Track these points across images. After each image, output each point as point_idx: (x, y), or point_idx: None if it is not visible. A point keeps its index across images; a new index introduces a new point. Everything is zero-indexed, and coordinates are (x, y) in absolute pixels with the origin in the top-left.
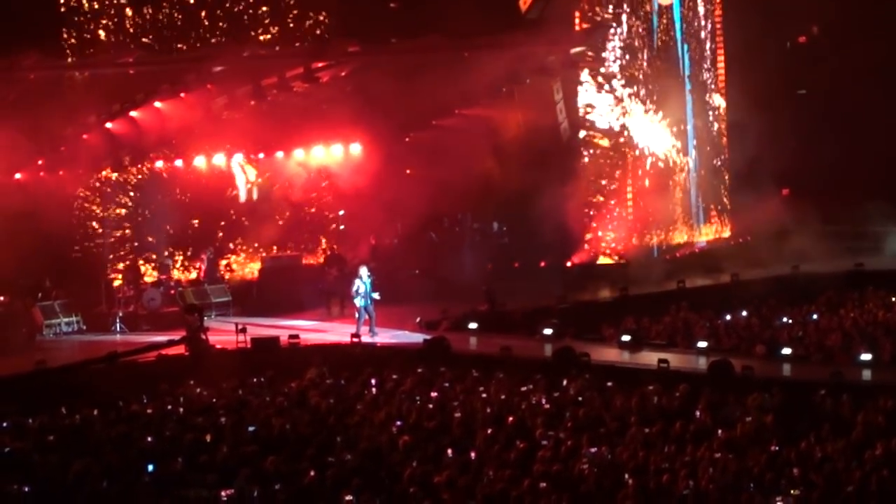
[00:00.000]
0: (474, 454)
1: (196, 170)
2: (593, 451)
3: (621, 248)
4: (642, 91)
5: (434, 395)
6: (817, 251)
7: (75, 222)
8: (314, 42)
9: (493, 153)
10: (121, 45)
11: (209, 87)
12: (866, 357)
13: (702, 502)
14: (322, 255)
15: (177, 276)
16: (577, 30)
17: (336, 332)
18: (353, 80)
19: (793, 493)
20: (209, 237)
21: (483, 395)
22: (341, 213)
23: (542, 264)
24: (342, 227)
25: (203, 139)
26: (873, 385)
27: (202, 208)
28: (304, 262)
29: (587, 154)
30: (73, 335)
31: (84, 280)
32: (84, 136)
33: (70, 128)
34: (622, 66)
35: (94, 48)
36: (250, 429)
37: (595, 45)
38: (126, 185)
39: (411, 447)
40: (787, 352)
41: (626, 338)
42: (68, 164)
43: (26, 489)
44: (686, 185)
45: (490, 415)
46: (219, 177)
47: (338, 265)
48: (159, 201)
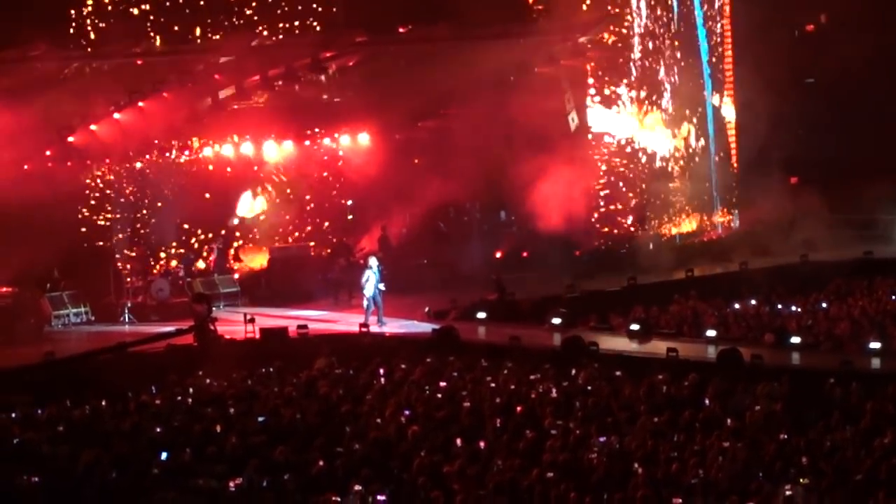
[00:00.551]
0: (483, 444)
1: (203, 160)
2: (602, 440)
3: (629, 236)
4: (661, 72)
5: (443, 384)
6: (826, 239)
7: (84, 213)
8: (322, 32)
9: (500, 142)
10: (129, 36)
11: (217, 77)
12: (875, 345)
13: (711, 491)
14: (329, 246)
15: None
16: (585, 18)
17: (344, 322)
18: (361, 71)
19: (802, 481)
20: (218, 228)
21: (492, 385)
22: (349, 202)
23: (551, 254)
24: (350, 216)
25: (211, 130)
26: (882, 373)
27: (211, 199)
28: (313, 252)
29: (595, 142)
30: (81, 326)
31: (92, 271)
32: (92, 127)
33: (78, 118)
34: (642, 51)
35: (103, 38)
36: (259, 419)
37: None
38: (134, 175)
39: (420, 437)
40: (796, 340)
41: (634, 327)
42: (76, 155)
43: (36, 480)
44: (700, 171)
45: (499, 404)
46: (226, 167)
47: (345, 255)
48: (167, 192)
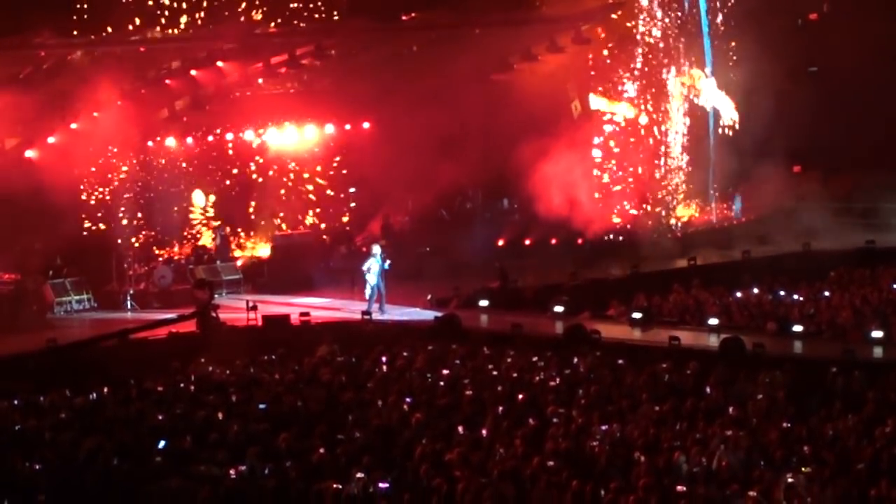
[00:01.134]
0: (485, 431)
1: (207, 146)
2: (604, 428)
3: (632, 224)
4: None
5: (445, 372)
6: (829, 228)
7: (87, 200)
8: (325, 19)
9: (504, 130)
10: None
11: (219, 64)
12: (878, 334)
13: (713, 479)
14: (332, 233)
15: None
16: (588, 6)
17: (347, 310)
18: (364, 58)
19: (804, 470)
20: (221, 214)
21: (494, 373)
22: (352, 190)
23: (553, 241)
24: (353, 204)
25: (214, 117)
26: (884, 362)
27: (213, 185)
28: (316, 239)
29: (598, 130)
30: (83, 313)
31: (95, 258)
32: (95, 114)
33: (81, 105)
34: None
35: (106, 25)
36: (261, 406)
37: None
38: (139, 161)
39: (422, 425)
40: (798, 329)
41: (637, 315)
42: (80, 141)
43: (38, 467)
44: (701, 159)
45: (501, 392)
46: (229, 153)
47: (346, 243)
48: (170, 178)
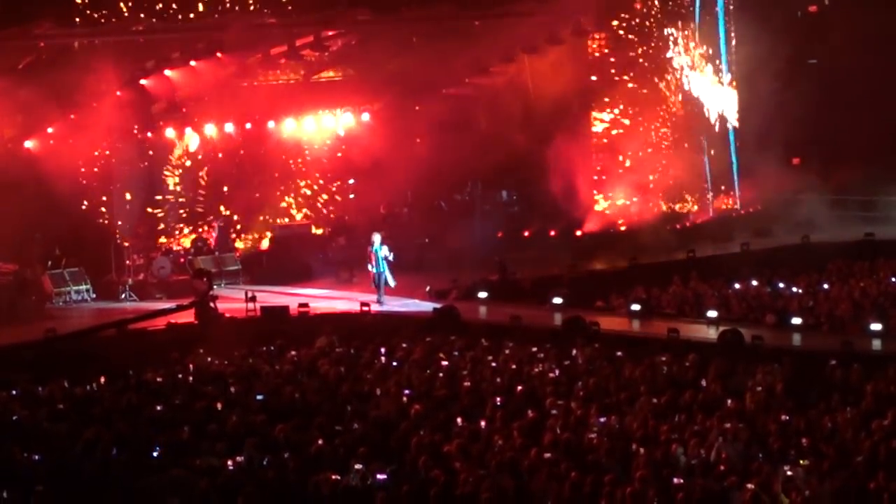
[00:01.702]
0: (484, 423)
1: (206, 138)
2: (603, 420)
3: (630, 216)
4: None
5: (444, 364)
6: (827, 220)
7: (86, 190)
8: (324, 10)
9: (503, 122)
10: (132, 13)
11: (219, 55)
12: (876, 327)
13: (711, 471)
14: (330, 224)
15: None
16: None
17: (346, 301)
18: (363, 49)
19: (802, 462)
20: (220, 206)
21: (492, 365)
22: (351, 181)
23: (552, 233)
24: (352, 195)
25: (213, 108)
26: (883, 355)
27: (212, 177)
28: (314, 231)
29: (597, 122)
30: (82, 303)
31: (94, 248)
32: (94, 104)
33: (81, 95)
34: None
35: (106, 15)
36: (259, 397)
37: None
38: (136, 152)
39: (421, 416)
40: (797, 321)
41: (635, 307)
42: (79, 132)
43: (36, 457)
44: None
45: (500, 384)
46: (229, 144)
47: (345, 234)
48: (169, 169)
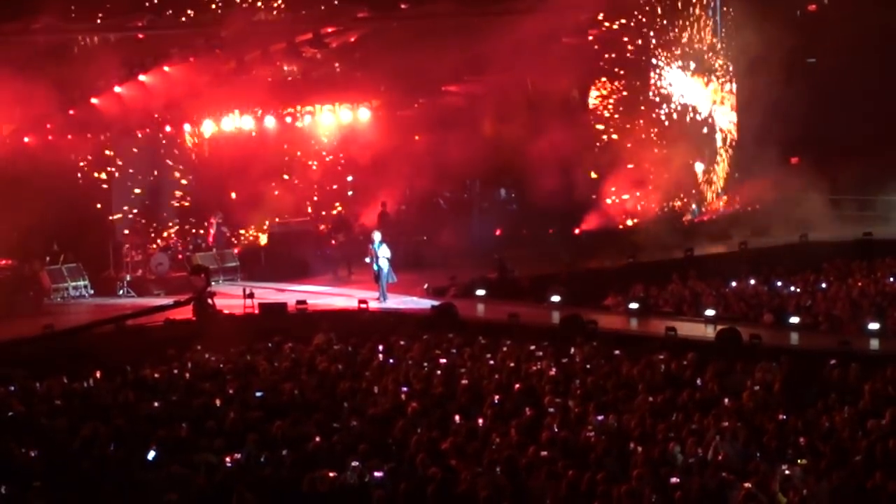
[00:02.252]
0: (481, 421)
1: (204, 134)
2: (600, 418)
3: (630, 215)
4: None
5: (442, 361)
6: (826, 220)
7: (84, 186)
8: (324, 7)
9: (501, 119)
10: (131, 9)
11: (218, 52)
12: (874, 326)
13: (708, 470)
14: (329, 221)
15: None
16: None
17: (344, 298)
18: (362, 46)
19: (800, 461)
20: (219, 202)
21: (490, 362)
22: (350, 178)
23: (550, 231)
24: (351, 192)
25: (212, 104)
26: (881, 354)
27: (210, 173)
28: (313, 227)
29: (595, 120)
30: (80, 299)
31: (92, 244)
32: (92, 100)
33: (79, 91)
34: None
35: (104, 11)
36: (257, 394)
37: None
38: (134, 148)
39: (418, 413)
40: (794, 320)
41: (633, 305)
42: (77, 128)
43: (34, 453)
44: (699, 149)
45: (497, 382)
46: (227, 140)
47: (344, 231)
48: (167, 165)
